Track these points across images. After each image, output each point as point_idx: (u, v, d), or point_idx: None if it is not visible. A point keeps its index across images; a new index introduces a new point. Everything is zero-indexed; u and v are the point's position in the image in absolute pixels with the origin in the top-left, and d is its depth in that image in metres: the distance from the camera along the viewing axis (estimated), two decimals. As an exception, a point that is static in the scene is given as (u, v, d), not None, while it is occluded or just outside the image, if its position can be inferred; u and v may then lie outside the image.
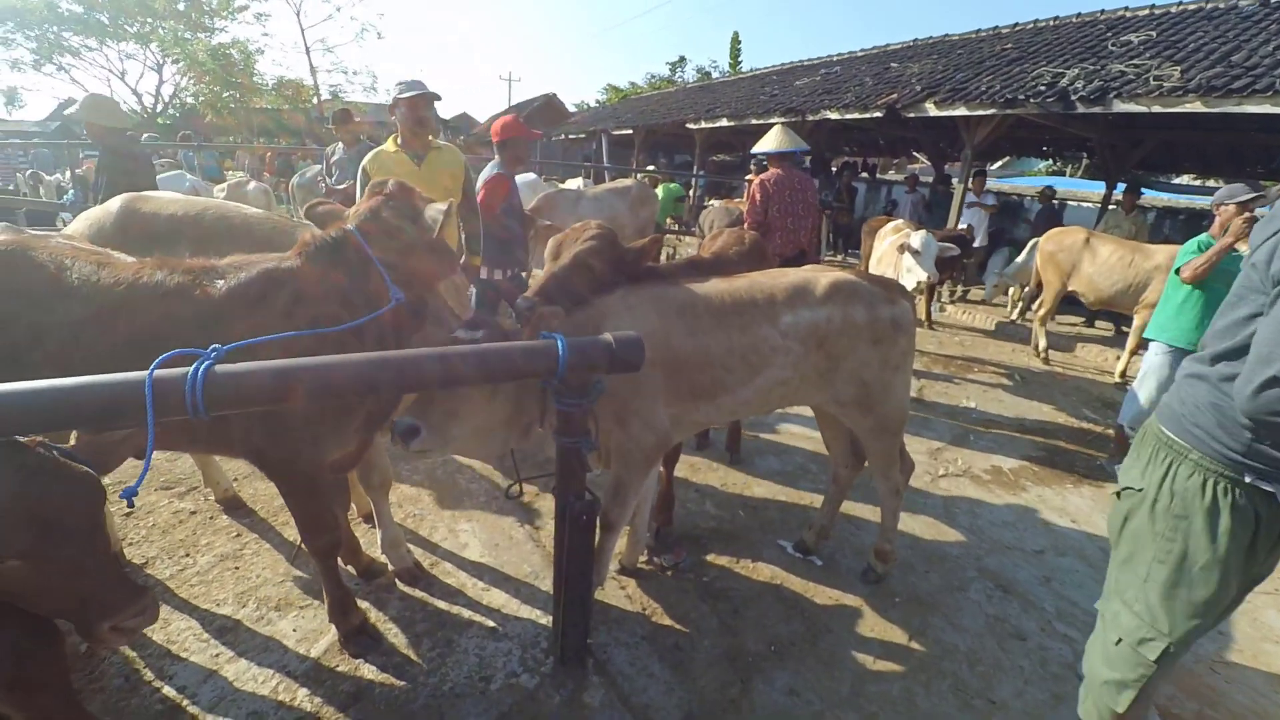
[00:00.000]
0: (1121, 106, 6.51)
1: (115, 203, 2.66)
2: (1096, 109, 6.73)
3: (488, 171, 3.58)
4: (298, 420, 1.85)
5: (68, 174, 11.04)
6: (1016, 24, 11.32)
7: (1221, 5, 8.47)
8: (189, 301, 1.74)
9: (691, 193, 13.10)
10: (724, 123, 12.25)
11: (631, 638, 2.41)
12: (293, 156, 12.89)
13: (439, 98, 3.29)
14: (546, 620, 2.44)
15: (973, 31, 12.08)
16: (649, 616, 2.53)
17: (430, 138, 3.39)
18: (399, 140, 3.33)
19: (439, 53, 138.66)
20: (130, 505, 1.37)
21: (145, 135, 14.92)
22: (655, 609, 2.57)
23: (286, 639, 2.31)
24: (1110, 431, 4.81)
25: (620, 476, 2.31)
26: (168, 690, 2.09)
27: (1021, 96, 7.28)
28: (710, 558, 2.92)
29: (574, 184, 10.76)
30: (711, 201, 10.18)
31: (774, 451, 4.05)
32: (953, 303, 8.70)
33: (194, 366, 1.36)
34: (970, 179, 8.52)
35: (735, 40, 33.84)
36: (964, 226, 8.14)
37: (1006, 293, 8.17)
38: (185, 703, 2.05)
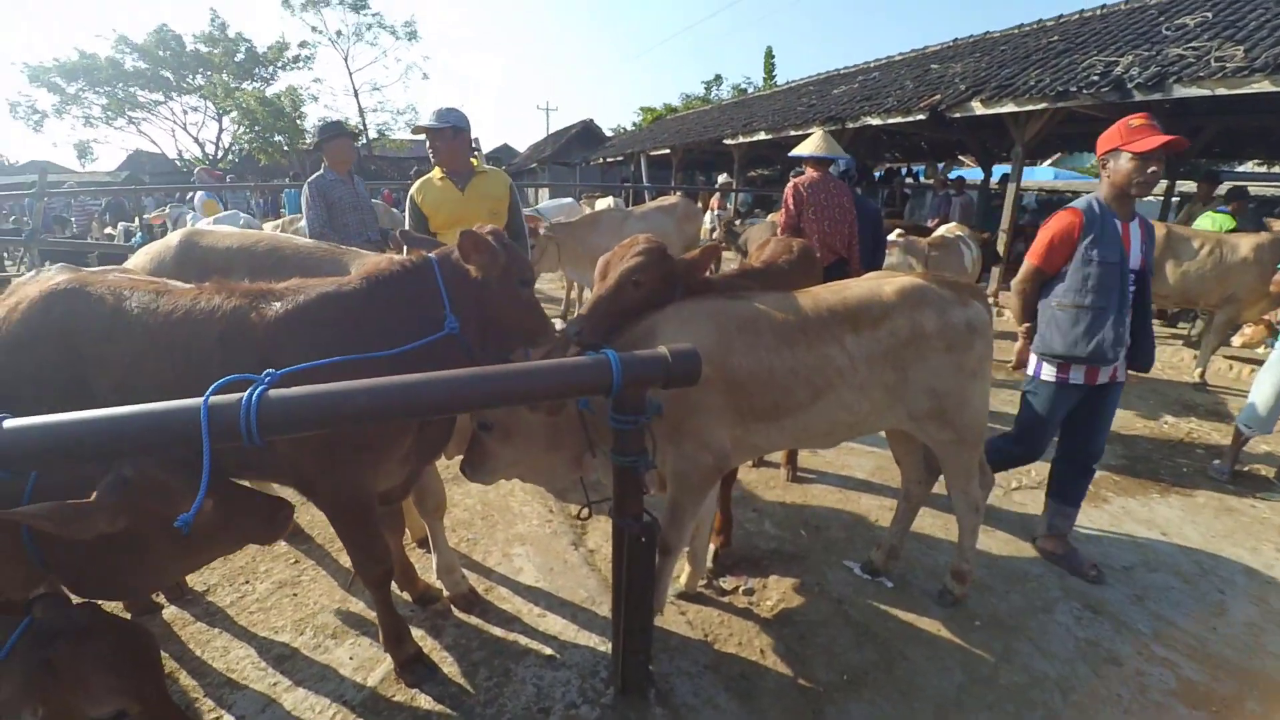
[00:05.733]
0: (1182, 91, 6.16)
1: (175, 237, 2.75)
2: (1155, 95, 6.38)
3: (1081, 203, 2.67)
4: (346, 448, 1.82)
5: (135, 221, 11.71)
6: (1061, 16, 10.93)
7: (1285, -20, 8.00)
8: (245, 325, 1.74)
9: (733, 208, 13.03)
10: (761, 136, 12.14)
11: (694, 667, 2.29)
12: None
13: (454, 125, 3.16)
14: (605, 648, 2.35)
15: (1015, 27, 11.70)
16: (712, 644, 2.41)
17: (475, 162, 3.40)
18: (444, 169, 3.35)
19: (479, 88, 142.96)
20: (185, 531, 1.35)
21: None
22: (718, 636, 2.46)
23: (343, 667, 2.29)
24: (1191, 437, 4.50)
25: (676, 499, 2.22)
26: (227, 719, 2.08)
27: (1074, 88, 6.97)
28: (773, 581, 2.79)
29: (604, 203, 10.81)
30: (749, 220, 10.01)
31: (833, 467, 3.89)
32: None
33: (248, 392, 1.35)
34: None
35: (769, 55, 33.85)
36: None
37: None
38: (244, 733, 2.04)
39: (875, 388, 2.25)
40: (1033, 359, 2.83)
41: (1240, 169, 15.01)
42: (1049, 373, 2.75)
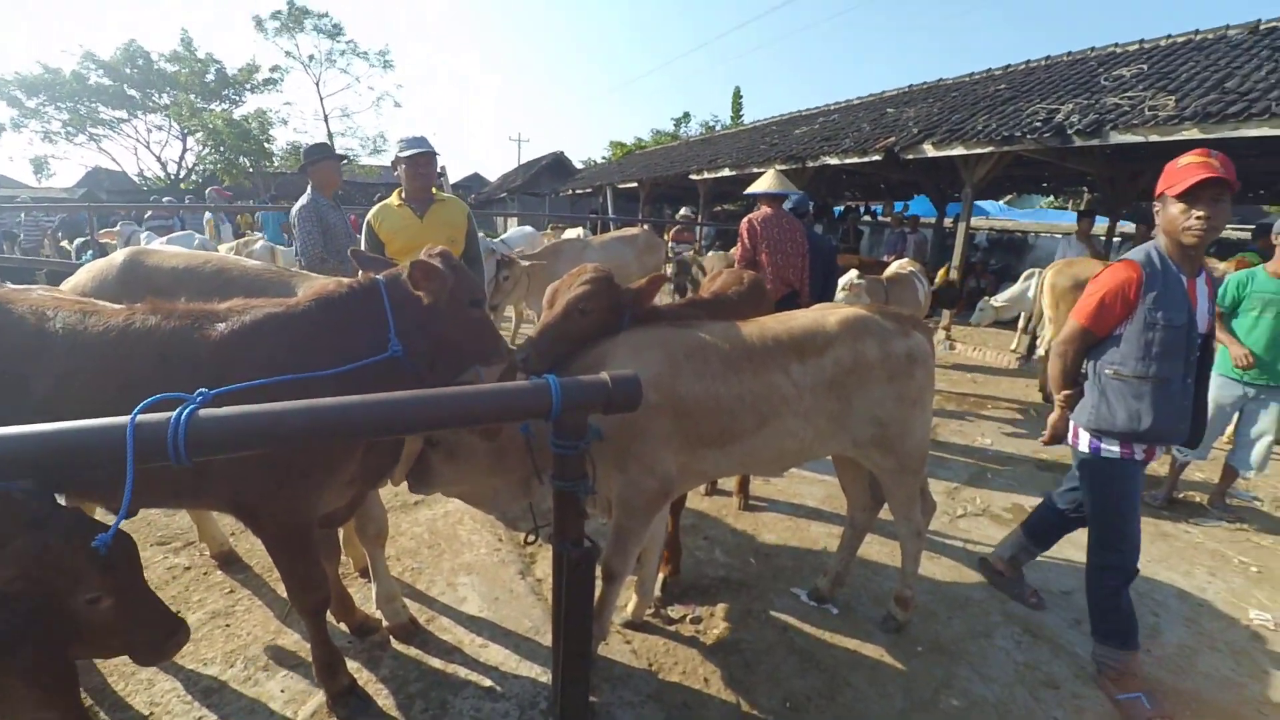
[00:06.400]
0: (1118, 138, 6.56)
1: (119, 255, 2.69)
2: (1093, 141, 6.79)
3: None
4: (290, 473, 1.79)
5: (87, 238, 11.39)
6: (1009, 65, 11.56)
7: (1210, 35, 8.62)
8: (190, 345, 1.71)
9: (698, 243, 13.27)
10: (726, 172, 12.48)
11: (636, 696, 2.27)
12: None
13: (436, 153, 3.34)
14: (547, 678, 2.31)
15: (966, 75, 12.35)
16: (655, 673, 2.40)
17: (435, 190, 3.45)
18: (403, 194, 3.38)
19: (452, 116, 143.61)
20: (102, 552, 1.33)
21: (166, 199, 15.45)
22: (662, 665, 2.44)
23: (273, 701, 2.21)
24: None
25: (621, 524, 2.22)
26: (148, 758, 1.99)
27: (1018, 133, 7.37)
28: (720, 608, 2.79)
29: (573, 233, 10.93)
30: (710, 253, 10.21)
31: (784, 495, 3.93)
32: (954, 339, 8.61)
33: (178, 411, 1.33)
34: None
35: (737, 95, 34.94)
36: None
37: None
38: (166, 772, 1.95)
39: (820, 415, 2.30)
40: (1084, 436, 2.44)
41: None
42: (1111, 448, 2.37)
